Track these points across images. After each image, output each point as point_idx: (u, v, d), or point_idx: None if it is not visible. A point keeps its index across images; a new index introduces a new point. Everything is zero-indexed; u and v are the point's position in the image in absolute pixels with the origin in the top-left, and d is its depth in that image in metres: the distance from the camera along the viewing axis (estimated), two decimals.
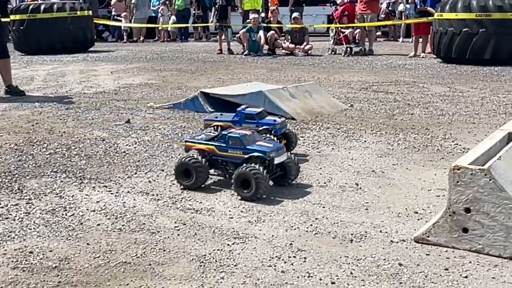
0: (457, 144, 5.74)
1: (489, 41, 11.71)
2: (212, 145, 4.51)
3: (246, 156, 4.33)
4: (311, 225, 3.73)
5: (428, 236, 3.38)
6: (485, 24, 11.73)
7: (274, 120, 5.26)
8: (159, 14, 21.04)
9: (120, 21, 21.12)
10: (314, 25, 18.27)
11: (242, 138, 4.39)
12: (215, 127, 5.21)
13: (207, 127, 5.34)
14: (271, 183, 4.38)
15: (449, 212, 3.29)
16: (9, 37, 16.94)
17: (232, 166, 4.44)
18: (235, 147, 4.39)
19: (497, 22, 11.65)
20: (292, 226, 3.71)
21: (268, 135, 4.97)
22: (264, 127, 5.12)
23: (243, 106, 5.41)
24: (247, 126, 5.12)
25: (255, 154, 4.30)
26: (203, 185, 4.44)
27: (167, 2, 21.03)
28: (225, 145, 4.43)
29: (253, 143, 4.39)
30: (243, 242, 3.46)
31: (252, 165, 4.20)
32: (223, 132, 4.54)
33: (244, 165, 4.24)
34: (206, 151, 4.52)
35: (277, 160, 4.35)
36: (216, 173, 4.58)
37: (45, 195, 4.30)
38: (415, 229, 3.63)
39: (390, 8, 18.19)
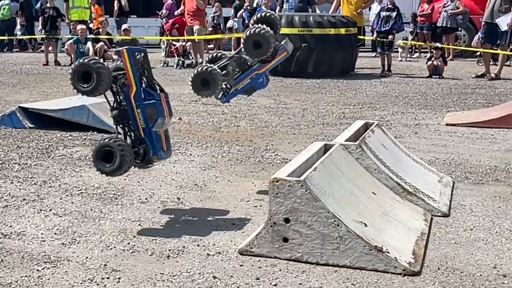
0: (277, 154, 5.99)
1: (311, 55, 12.39)
2: None
3: None
4: (128, 243, 3.68)
5: (251, 248, 3.47)
6: (307, 39, 12.40)
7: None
8: None
9: None
10: (146, 37, 18.13)
11: None
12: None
13: None
14: None
15: (270, 223, 3.41)
16: None
17: None
18: None
19: (318, 37, 12.37)
20: (108, 246, 3.63)
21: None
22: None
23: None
24: None
25: None
26: None
27: None
28: None
29: None
30: (55, 266, 3.31)
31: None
32: None
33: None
34: None
35: None
36: None
37: None
38: (231, 241, 3.72)
39: (215, 21, 18.57)
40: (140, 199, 4.56)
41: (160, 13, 17.56)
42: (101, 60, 4.18)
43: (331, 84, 11.47)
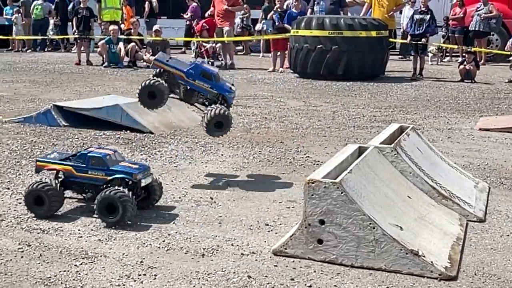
0: (308, 156, 5.99)
1: (341, 58, 12.35)
2: (69, 165, 4.13)
3: (109, 178, 4.02)
4: (163, 241, 3.71)
5: (285, 249, 3.48)
6: (337, 42, 12.37)
7: (230, 88, 4.98)
8: (13, 22, 19.95)
9: None
10: (176, 38, 18.25)
11: (104, 158, 4.06)
12: (162, 70, 4.96)
13: (154, 68, 5.10)
14: None
15: (304, 224, 3.41)
16: None
17: (92, 188, 4.10)
18: (96, 168, 4.05)
19: (348, 39, 12.33)
20: (144, 243, 3.67)
21: (217, 109, 4.80)
22: (219, 92, 4.88)
23: (200, 60, 5.18)
24: (201, 84, 4.86)
25: (120, 175, 4.01)
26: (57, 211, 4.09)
27: (21, 11, 20.02)
28: (85, 165, 4.08)
29: (116, 163, 4.10)
30: (92, 262, 3.36)
31: (117, 188, 3.90)
32: (82, 151, 4.19)
33: (109, 188, 3.91)
34: (61, 172, 4.14)
35: (143, 182, 4.09)
36: (72, 197, 4.22)
37: None
38: (265, 241, 3.74)
39: (245, 23, 18.61)
40: (173, 198, 4.60)
41: (185, 15, 17.71)
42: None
43: (361, 87, 11.42)
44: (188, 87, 5.01)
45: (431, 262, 3.23)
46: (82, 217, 4.08)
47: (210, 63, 14.91)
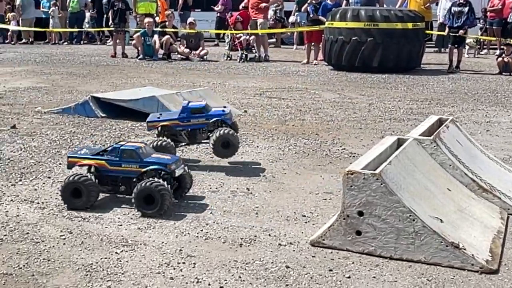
0: (344, 149, 5.96)
1: (376, 50, 12.24)
2: (102, 159, 4.18)
3: (143, 170, 4.06)
4: (201, 230, 3.74)
5: (323, 240, 3.47)
6: (373, 34, 12.26)
7: (223, 110, 5.21)
8: (50, 15, 20.26)
9: (7, 22, 20.21)
10: (210, 30, 18.31)
11: (137, 150, 4.12)
12: (159, 128, 5.12)
13: (151, 129, 5.26)
14: None
15: (343, 215, 3.40)
16: None
17: (125, 181, 4.15)
18: (130, 160, 4.10)
19: (384, 31, 12.21)
20: (182, 232, 3.70)
21: (222, 130, 4.98)
22: (215, 118, 5.09)
23: (185, 102, 5.30)
24: (196, 121, 5.08)
25: (155, 167, 4.05)
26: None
27: (58, 4, 20.32)
28: (118, 159, 4.13)
29: (149, 155, 4.15)
30: (132, 250, 3.41)
31: (155, 179, 3.95)
32: (115, 145, 4.24)
33: (146, 179, 3.96)
34: (94, 167, 4.17)
35: (177, 173, 4.13)
36: (105, 190, 4.24)
37: None
38: (302, 232, 3.74)
39: (278, 15, 18.56)
40: (210, 188, 4.63)
41: (216, 8, 17.75)
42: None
43: (397, 80, 11.31)
44: (189, 130, 5.24)
45: (472, 255, 3.19)
46: (119, 207, 4.12)
47: (244, 55, 14.94)
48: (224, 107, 5.45)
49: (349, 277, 3.12)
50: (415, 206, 3.32)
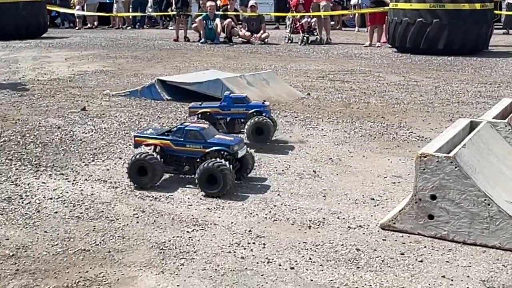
0: (411, 132, 5.86)
1: (442, 32, 11.93)
2: (167, 139, 4.26)
3: (207, 150, 4.13)
4: (269, 212, 3.77)
5: (394, 223, 3.44)
6: (438, 15, 11.95)
7: (263, 103, 5.38)
8: (114, 0, 20.67)
9: (72, 7, 20.76)
10: (271, 13, 18.27)
11: (201, 131, 4.18)
12: (199, 114, 5.25)
13: (191, 115, 5.34)
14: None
15: (415, 199, 3.35)
16: None
17: (189, 161, 4.23)
18: (194, 141, 4.17)
19: (450, 12, 11.89)
20: (251, 213, 3.74)
21: (257, 117, 5.15)
22: (255, 109, 5.23)
23: (227, 92, 5.47)
24: (236, 110, 5.25)
25: (218, 147, 4.12)
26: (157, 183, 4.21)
27: None
28: (182, 139, 4.19)
29: (212, 136, 4.22)
30: (202, 229, 3.47)
31: (218, 160, 4.01)
32: (179, 126, 4.31)
33: (209, 160, 4.02)
34: (159, 146, 4.25)
35: (240, 154, 4.18)
36: (169, 170, 4.31)
37: (0, 183, 4.21)
38: (371, 215, 3.71)
39: None
40: (277, 170, 4.64)
41: None
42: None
43: (463, 62, 11.01)
44: (228, 119, 5.38)
45: None
46: (187, 187, 4.19)
47: (305, 38, 14.85)
48: (264, 101, 5.62)
49: (421, 261, 3.08)
50: (490, 190, 3.23)
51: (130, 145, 5.24)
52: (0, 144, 5.24)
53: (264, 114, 5.26)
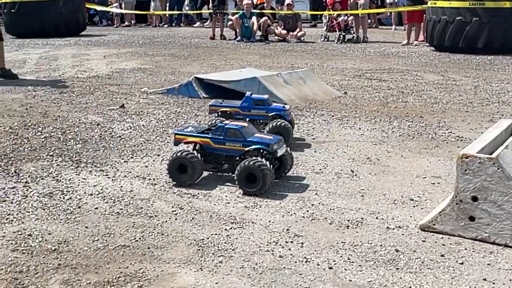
0: (451, 132, 5.78)
1: (482, 30, 11.73)
2: (206, 137, 4.27)
3: (246, 149, 4.13)
4: (307, 211, 3.76)
5: (434, 224, 3.40)
6: (478, 13, 11.76)
7: (283, 106, 5.32)
8: None
9: (110, 5, 21.05)
10: (307, 12, 18.22)
11: (241, 130, 4.18)
12: (219, 112, 5.23)
13: (211, 113, 5.35)
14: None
15: (456, 200, 3.31)
16: (0, 19, 16.82)
17: (228, 160, 4.25)
18: (233, 139, 4.17)
19: (491, 11, 11.68)
20: (288, 212, 3.73)
21: (277, 121, 5.02)
22: (275, 112, 5.16)
23: (249, 93, 5.40)
24: (256, 112, 5.18)
25: (258, 146, 4.12)
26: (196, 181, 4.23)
27: None
28: (222, 137, 4.20)
29: (252, 135, 4.22)
30: (241, 227, 3.48)
31: (258, 158, 4.00)
32: (219, 124, 4.31)
33: (249, 158, 4.02)
34: (199, 144, 4.27)
35: (279, 153, 4.17)
36: (208, 168, 4.33)
37: (42, 179, 4.29)
38: (410, 216, 3.67)
39: None
40: (314, 169, 4.63)
41: None
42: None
43: (503, 61, 10.80)
44: (247, 120, 5.21)
45: None
46: (228, 184, 4.22)
47: (341, 36, 14.76)
48: (285, 104, 5.57)
49: (462, 263, 3.04)
50: None
51: (168, 142, 5.29)
52: (41, 140, 5.34)
53: (283, 117, 5.14)
